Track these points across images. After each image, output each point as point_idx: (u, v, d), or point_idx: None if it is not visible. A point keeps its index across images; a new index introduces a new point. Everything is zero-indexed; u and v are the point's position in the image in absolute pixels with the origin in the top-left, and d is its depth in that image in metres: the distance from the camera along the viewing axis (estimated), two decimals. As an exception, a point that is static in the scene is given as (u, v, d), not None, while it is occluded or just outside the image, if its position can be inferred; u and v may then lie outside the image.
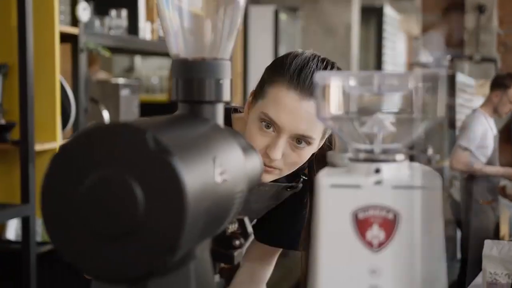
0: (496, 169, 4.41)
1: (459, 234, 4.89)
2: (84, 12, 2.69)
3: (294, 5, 5.66)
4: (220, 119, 0.84)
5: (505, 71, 9.98)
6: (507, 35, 9.95)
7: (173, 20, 0.84)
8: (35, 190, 2.39)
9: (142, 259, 0.63)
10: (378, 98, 0.74)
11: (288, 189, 1.44)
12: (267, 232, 1.52)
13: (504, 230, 6.98)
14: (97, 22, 2.99)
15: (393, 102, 0.74)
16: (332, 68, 1.30)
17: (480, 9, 9.38)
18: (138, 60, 6.06)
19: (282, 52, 5.81)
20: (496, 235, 4.47)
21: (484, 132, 4.24)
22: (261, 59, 4.00)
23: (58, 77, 2.55)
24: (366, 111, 0.75)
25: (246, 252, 1.54)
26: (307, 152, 1.29)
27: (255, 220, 1.54)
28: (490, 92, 4.36)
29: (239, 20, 0.86)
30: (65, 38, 2.68)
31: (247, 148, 0.89)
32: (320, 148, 1.36)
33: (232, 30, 0.85)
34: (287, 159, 1.29)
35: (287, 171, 1.31)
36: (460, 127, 4.60)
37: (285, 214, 1.46)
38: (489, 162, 4.36)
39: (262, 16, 4.98)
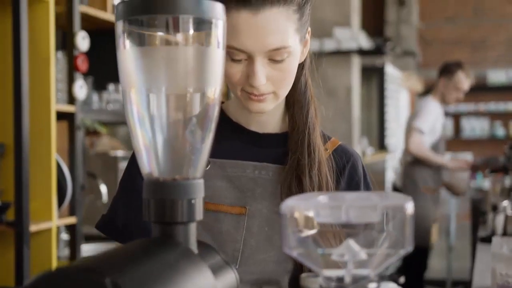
0: (446, 160, 4.37)
1: None
2: (81, 90, 2.71)
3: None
4: (192, 240, 0.82)
5: (425, 64, 10.06)
6: (427, 29, 10.02)
7: (145, 139, 0.83)
8: (30, 273, 2.36)
9: None
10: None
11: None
12: None
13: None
14: (95, 97, 3.02)
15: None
16: None
17: (400, 1, 9.47)
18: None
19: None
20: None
21: (436, 117, 4.25)
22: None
23: (54, 156, 2.55)
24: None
25: None
26: (291, 63, 1.18)
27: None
28: (438, 80, 4.40)
29: (211, 137, 0.85)
30: (62, 115, 2.70)
31: (221, 266, 0.87)
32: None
33: (204, 148, 0.84)
34: (274, 79, 1.18)
35: (283, 92, 1.20)
36: (413, 112, 4.56)
37: None
38: (434, 148, 4.34)
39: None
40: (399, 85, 8.35)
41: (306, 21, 1.20)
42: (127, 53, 0.81)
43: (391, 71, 7.74)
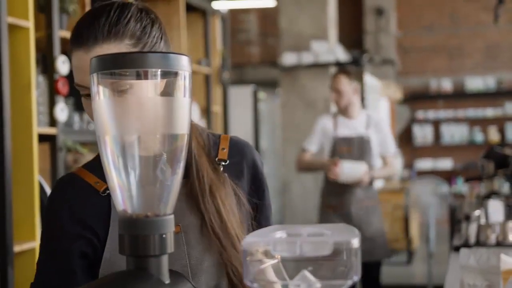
0: (314, 160, 4.15)
1: None
2: (62, 112, 2.78)
3: (273, 81, 5.80)
4: (164, 271, 0.90)
5: (404, 72, 10.23)
6: (405, 37, 10.21)
7: (119, 179, 0.91)
8: (14, 293, 2.43)
9: None
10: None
11: None
12: None
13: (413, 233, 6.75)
14: (76, 117, 3.08)
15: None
16: (121, 10, 1.23)
17: (378, 11, 9.62)
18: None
19: (262, 129, 5.92)
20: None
21: (322, 134, 4.15)
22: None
23: (37, 177, 2.62)
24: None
25: None
26: (137, 94, 1.18)
27: None
28: None
29: (180, 175, 0.93)
30: (44, 138, 2.77)
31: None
32: None
33: (173, 186, 0.92)
34: None
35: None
36: None
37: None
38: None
39: (242, 96, 5.12)
40: (379, 94, 8.47)
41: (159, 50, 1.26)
42: (101, 102, 0.89)
43: (370, 80, 7.85)
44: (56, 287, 1.26)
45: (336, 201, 4.12)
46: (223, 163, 1.34)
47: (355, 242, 0.78)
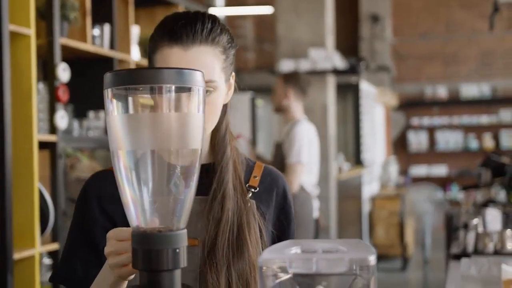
0: None
1: None
2: (62, 119, 2.78)
3: (269, 88, 5.78)
4: (177, 285, 0.90)
5: (399, 79, 10.26)
6: (401, 44, 10.23)
7: (132, 195, 0.91)
8: (14, 301, 2.42)
9: None
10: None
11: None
12: None
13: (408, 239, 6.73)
14: (75, 124, 3.08)
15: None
16: (213, 20, 1.26)
17: (374, 18, 9.66)
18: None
19: (260, 137, 5.93)
20: None
21: None
22: (239, 147, 3.98)
23: (37, 184, 2.61)
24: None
25: None
26: (216, 98, 1.25)
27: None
28: None
29: (193, 191, 0.93)
30: (44, 145, 2.77)
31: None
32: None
33: (186, 200, 0.92)
34: None
35: (209, 126, 1.27)
36: None
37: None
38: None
39: (239, 103, 5.12)
40: (374, 101, 8.49)
41: (231, 64, 1.30)
42: (115, 118, 0.89)
43: (366, 87, 7.87)
44: (81, 273, 1.26)
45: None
46: (253, 190, 1.34)
47: (372, 259, 0.78)
